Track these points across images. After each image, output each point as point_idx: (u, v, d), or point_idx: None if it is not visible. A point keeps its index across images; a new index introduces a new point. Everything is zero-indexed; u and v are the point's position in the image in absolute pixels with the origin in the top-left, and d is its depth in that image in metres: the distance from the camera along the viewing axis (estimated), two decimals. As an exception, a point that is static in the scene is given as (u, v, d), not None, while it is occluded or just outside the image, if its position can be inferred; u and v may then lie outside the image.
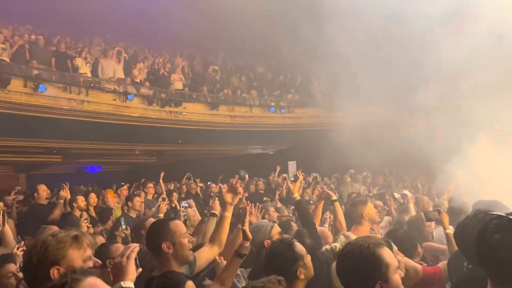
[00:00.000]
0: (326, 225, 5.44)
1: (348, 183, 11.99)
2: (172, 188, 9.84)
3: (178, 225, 3.06)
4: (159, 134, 13.15)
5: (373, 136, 8.69)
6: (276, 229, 4.01)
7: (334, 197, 5.02)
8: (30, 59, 10.94)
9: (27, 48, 11.15)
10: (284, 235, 3.71)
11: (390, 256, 2.29)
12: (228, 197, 3.56)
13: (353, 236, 3.62)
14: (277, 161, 12.92)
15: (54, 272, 2.12)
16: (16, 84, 9.91)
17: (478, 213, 2.71)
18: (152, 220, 5.07)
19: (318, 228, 4.66)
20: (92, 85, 11.36)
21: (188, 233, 3.45)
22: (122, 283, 2.06)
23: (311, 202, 7.01)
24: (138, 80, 12.74)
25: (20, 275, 3.82)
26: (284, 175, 11.08)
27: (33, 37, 12.19)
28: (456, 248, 3.13)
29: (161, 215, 6.46)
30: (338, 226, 4.74)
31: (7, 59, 10.18)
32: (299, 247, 2.99)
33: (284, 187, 9.85)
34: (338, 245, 3.52)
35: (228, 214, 3.49)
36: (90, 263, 2.20)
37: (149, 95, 12.51)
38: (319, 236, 4.10)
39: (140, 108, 12.28)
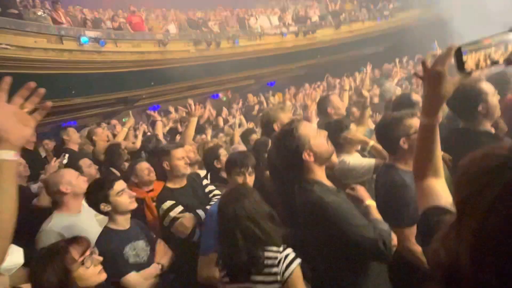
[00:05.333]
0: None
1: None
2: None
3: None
4: (305, 53, 13.16)
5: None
6: None
7: None
8: (227, 26, 11.97)
9: (224, 20, 12.15)
10: None
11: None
12: None
13: None
14: (387, 55, 12.11)
15: (275, 126, 2.42)
16: (224, 43, 11.08)
17: None
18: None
19: None
20: (262, 32, 11.99)
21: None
22: None
23: None
24: (287, 23, 12.96)
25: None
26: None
27: (224, 13, 13.15)
28: None
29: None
30: None
31: (218, 29, 11.47)
32: (485, 85, 1.99)
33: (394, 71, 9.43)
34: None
35: None
36: None
37: (295, 31, 12.66)
38: None
39: (291, 41, 12.48)
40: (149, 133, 5.19)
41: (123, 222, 2.03)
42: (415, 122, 1.72)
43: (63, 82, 8.06)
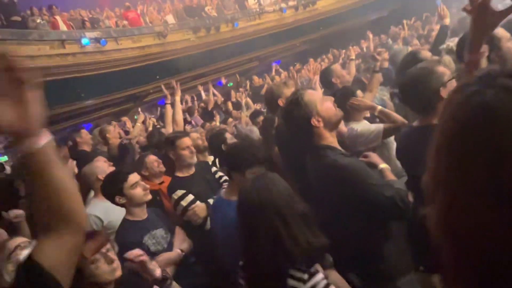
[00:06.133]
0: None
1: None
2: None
3: None
4: (307, 27, 12.76)
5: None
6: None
7: None
8: (224, 9, 11.65)
9: (220, 4, 11.87)
10: None
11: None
12: None
13: None
14: (392, 18, 11.57)
15: (280, 102, 2.31)
16: (223, 27, 10.83)
17: None
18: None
19: None
20: (260, 11, 11.60)
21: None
22: None
23: None
24: (285, -2, 12.49)
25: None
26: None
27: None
28: None
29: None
30: None
31: (215, 13, 11.18)
32: (498, 30, 1.85)
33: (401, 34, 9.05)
34: (451, 44, 2.85)
35: None
36: None
37: (294, 5, 12.19)
38: None
39: (292, 16, 12.07)
40: (158, 126, 5.20)
41: (140, 213, 2.06)
42: (444, 69, 1.57)
43: (71, 87, 8.16)
